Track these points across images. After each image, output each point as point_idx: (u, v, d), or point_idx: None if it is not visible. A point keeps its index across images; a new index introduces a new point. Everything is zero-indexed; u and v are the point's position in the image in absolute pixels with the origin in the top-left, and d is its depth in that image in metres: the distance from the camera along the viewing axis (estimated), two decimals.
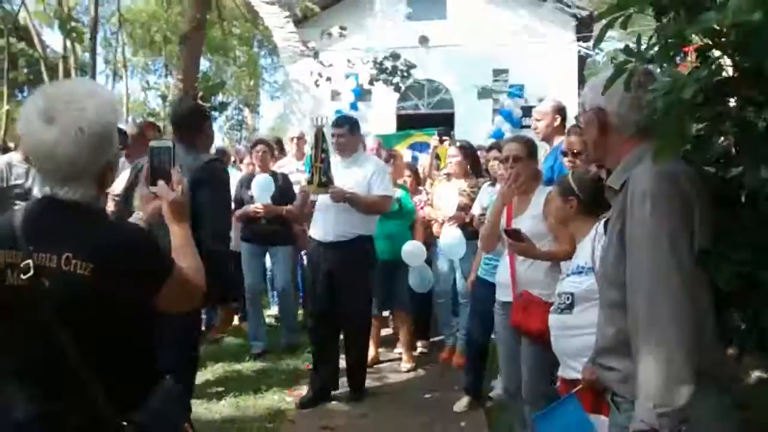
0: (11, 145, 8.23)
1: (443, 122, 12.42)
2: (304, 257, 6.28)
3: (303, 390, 4.96)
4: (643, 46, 1.57)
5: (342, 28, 13.35)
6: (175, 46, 17.27)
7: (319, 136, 4.71)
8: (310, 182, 4.77)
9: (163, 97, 18.00)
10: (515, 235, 3.36)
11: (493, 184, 4.84)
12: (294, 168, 6.67)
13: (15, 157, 4.77)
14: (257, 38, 19.62)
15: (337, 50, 13.72)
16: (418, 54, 14.24)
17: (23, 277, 1.54)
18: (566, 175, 3.21)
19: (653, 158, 1.62)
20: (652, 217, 1.67)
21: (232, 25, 16.98)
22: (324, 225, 4.77)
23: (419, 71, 14.45)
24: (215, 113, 15.19)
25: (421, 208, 5.99)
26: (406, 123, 14.26)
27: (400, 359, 5.79)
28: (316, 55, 12.20)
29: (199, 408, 4.50)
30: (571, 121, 4.30)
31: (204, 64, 19.18)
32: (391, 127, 14.07)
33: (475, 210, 4.95)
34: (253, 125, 26.18)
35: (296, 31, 11.74)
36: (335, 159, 4.84)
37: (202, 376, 5.08)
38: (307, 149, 6.77)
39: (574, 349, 2.73)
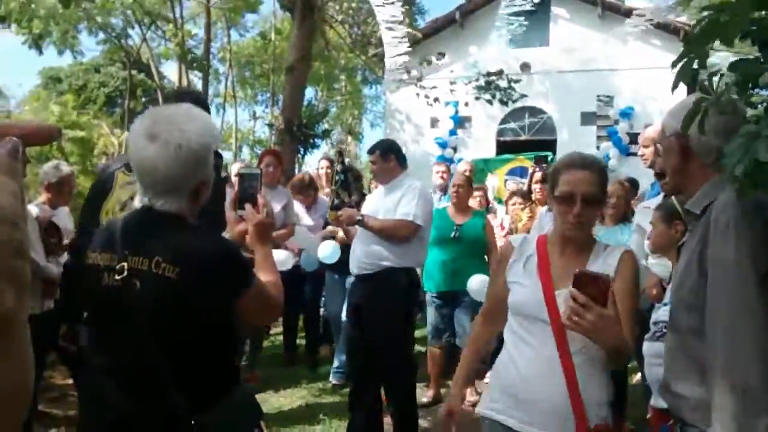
0: None
1: (545, 148, 12.23)
2: None
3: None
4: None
5: (440, 54, 13.45)
6: (281, 77, 18.00)
7: (336, 159, 4.68)
8: (330, 207, 4.63)
9: (270, 126, 18.69)
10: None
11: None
12: None
13: None
14: (360, 69, 20.08)
15: (439, 78, 13.83)
16: (521, 81, 14.15)
17: (117, 278, 1.68)
18: (670, 200, 3.08)
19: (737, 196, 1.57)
20: (737, 247, 1.62)
21: (337, 56, 17.46)
22: (352, 255, 4.38)
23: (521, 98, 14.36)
24: (318, 140, 15.60)
25: (505, 235, 5.79)
26: (507, 149, 14.14)
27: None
28: (419, 80, 12.33)
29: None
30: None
31: (309, 93, 19.80)
32: (491, 154, 13.98)
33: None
34: (356, 152, 26.73)
35: (407, 54, 11.90)
36: (380, 188, 4.55)
37: (284, 400, 5.13)
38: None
39: None
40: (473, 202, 6.22)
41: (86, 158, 11.85)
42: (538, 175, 5.86)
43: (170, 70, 23.32)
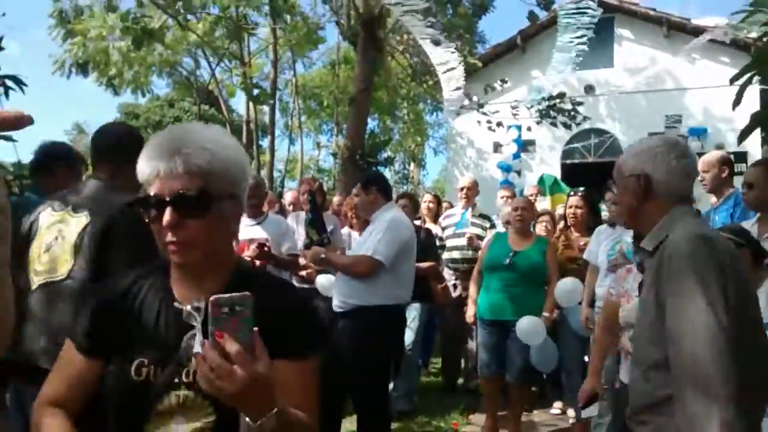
0: None
1: (611, 171, 12.02)
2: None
3: None
4: None
5: (503, 80, 13.46)
6: (345, 107, 18.36)
7: (306, 198, 4.54)
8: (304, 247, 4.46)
9: (334, 155, 19.05)
10: None
11: (612, 225, 4.76)
12: (460, 218, 6.57)
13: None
14: (422, 96, 20.30)
15: (501, 103, 13.84)
16: (585, 103, 14.02)
17: None
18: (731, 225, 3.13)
19: None
20: (690, 280, 1.72)
21: (399, 86, 17.70)
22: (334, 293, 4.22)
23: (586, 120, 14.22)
24: (381, 167, 15.80)
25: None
26: (572, 172, 13.97)
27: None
28: (480, 106, 12.37)
29: None
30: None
31: (372, 122, 20.09)
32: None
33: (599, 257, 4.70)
34: (418, 179, 26.87)
35: (462, 86, 11.98)
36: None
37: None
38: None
39: None
40: (540, 228, 6.12)
41: None
42: (573, 200, 5.64)
43: (240, 104, 24.10)
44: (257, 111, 16.12)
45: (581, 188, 6.00)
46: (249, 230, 4.71)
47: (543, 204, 7.83)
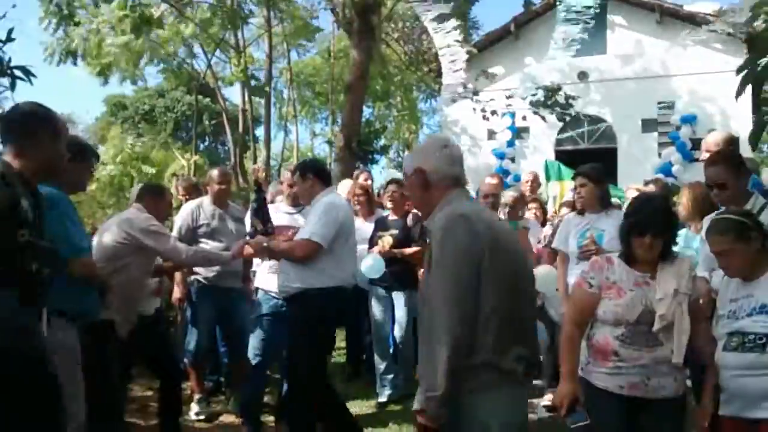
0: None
1: (604, 157, 12.14)
2: None
3: None
4: None
5: (493, 74, 13.51)
6: (340, 96, 18.39)
7: (252, 187, 4.64)
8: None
9: (330, 143, 19.09)
10: None
11: (581, 213, 4.59)
12: None
13: (205, 200, 5.37)
14: (416, 84, 20.34)
15: (495, 90, 13.91)
16: (578, 89, 14.10)
17: None
18: (730, 210, 3.04)
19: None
20: (442, 247, 2.22)
21: (393, 73, 17.74)
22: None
23: (579, 106, 14.30)
24: (377, 156, 15.86)
25: (545, 246, 5.60)
26: (566, 159, 14.07)
27: None
28: (475, 93, 12.43)
29: None
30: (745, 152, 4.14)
31: (366, 111, 20.13)
32: None
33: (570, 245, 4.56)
34: None
35: (463, 67, 12.03)
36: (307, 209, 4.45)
37: None
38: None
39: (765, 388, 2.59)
40: (529, 215, 6.22)
41: (159, 180, 12.42)
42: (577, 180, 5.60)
43: (234, 93, 24.05)
44: (252, 101, 16.13)
45: None
46: (290, 218, 4.91)
47: (555, 190, 8.02)
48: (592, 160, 5.20)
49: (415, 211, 5.84)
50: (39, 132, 2.57)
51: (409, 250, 5.43)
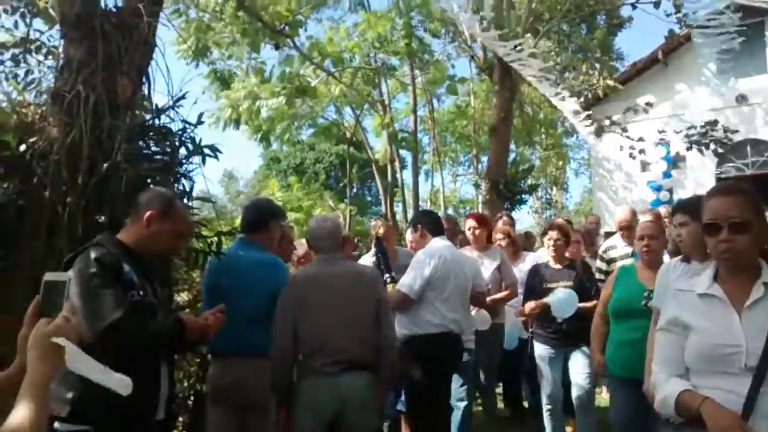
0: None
1: None
2: None
3: None
4: None
5: (648, 104, 13.05)
6: (483, 137, 18.53)
7: (374, 242, 5.02)
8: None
9: (476, 186, 19.22)
10: None
11: (687, 260, 3.49)
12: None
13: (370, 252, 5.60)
14: (560, 120, 20.08)
15: (647, 120, 13.41)
16: (737, 113, 13.29)
17: None
18: None
19: None
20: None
21: (536, 111, 17.68)
22: None
23: (741, 129, 13.44)
24: (525, 196, 15.74)
25: None
26: None
27: None
28: (624, 130, 12.08)
29: None
30: None
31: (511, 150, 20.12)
32: None
33: None
34: (562, 203, 26.41)
35: (587, 114, 11.79)
36: None
37: None
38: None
39: None
40: None
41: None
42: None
43: (379, 142, 24.93)
44: (399, 151, 16.68)
45: None
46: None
47: None
48: (757, 187, 4.63)
49: (578, 258, 5.63)
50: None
51: (587, 305, 4.83)
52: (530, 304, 4.99)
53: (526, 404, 6.65)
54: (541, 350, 5.07)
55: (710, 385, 2.03)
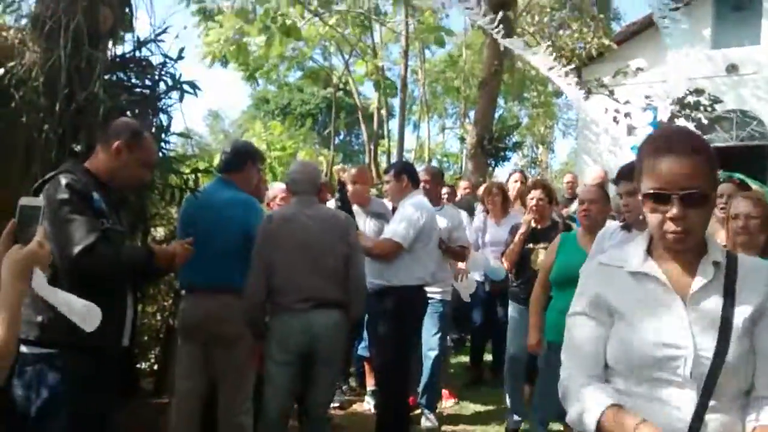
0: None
1: (756, 157, 11.40)
2: None
3: None
4: None
5: (639, 69, 13.00)
6: (472, 91, 18.40)
7: (336, 188, 5.15)
8: None
9: (461, 139, 19.18)
10: None
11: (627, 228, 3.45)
12: None
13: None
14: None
15: (634, 84, 13.39)
16: (726, 83, 13.28)
17: None
18: None
19: None
20: None
21: (527, 68, 17.54)
22: None
23: (729, 101, 13.45)
24: (509, 153, 15.75)
25: None
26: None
27: None
28: (611, 93, 12.04)
29: None
30: None
31: (499, 107, 20.04)
32: None
33: None
34: (547, 162, 26.46)
35: (576, 79, 11.72)
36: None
37: None
38: None
39: None
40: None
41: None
42: (725, 187, 4.44)
43: (369, 89, 24.68)
44: (386, 100, 16.55)
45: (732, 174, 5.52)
46: None
47: None
48: (741, 159, 4.71)
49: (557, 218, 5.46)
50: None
51: None
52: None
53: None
54: (512, 309, 5.02)
55: (642, 394, 1.58)
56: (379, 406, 4.64)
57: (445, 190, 6.23)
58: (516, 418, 4.99)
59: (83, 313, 1.84)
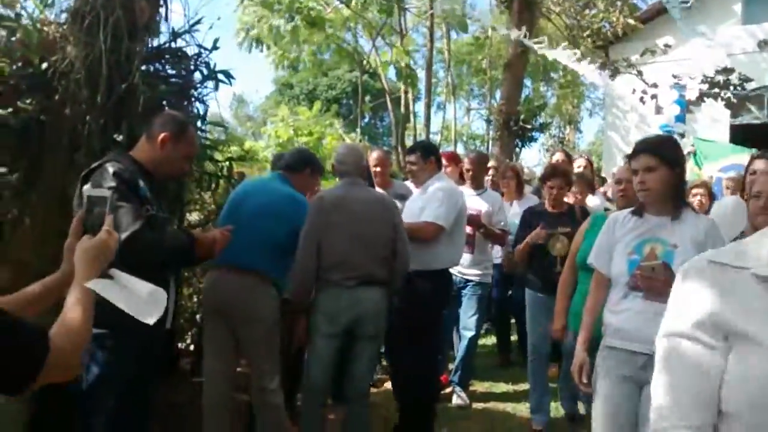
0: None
1: None
2: None
3: None
4: None
5: (666, 45, 12.84)
6: (498, 71, 18.32)
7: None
8: None
9: (488, 121, 19.11)
10: None
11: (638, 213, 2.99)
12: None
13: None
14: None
15: (663, 62, 13.23)
16: (757, 60, 13.05)
17: None
18: None
19: None
20: None
21: (556, 47, 17.42)
22: None
23: (760, 77, 13.21)
24: (536, 134, 15.68)
25: None
26: (742, 134, 13.13)
27: None
28: (639, 73, 11.94)
29: None
30: None
31: (525, 87, 19.92)
32: (723, 139, 13.04)
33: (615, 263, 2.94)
34: (574, 142, 26.24)
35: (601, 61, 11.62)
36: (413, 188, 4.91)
37: None
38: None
39: None
40: (695, 202, 5.03)
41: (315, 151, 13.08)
42: (761, 163, 3.77)
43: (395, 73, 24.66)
44: (413, 82, 16.54)
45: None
46: (470, 200, 5.26)
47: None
48: None
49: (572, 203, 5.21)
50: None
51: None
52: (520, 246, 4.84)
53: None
54: (530, 296, 4.88)
55: None
56: (410, 383, 4.51)
57: (490, 172, 6.49)
58: (539, 418, 4.83)
59: (142, 305, 1.83)
